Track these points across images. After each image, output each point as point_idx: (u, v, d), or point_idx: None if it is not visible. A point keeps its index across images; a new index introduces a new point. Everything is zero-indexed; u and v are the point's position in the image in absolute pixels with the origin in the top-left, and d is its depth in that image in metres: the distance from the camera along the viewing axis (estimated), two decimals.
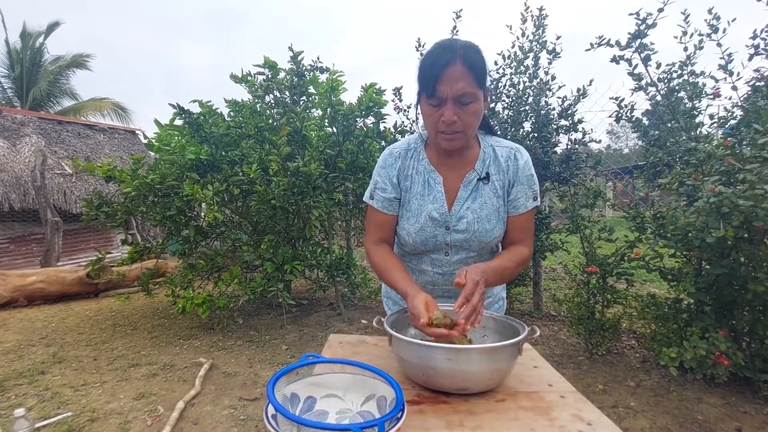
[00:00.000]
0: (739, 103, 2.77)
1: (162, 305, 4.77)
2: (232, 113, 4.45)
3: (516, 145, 1.23)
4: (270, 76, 3.93)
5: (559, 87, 3.60)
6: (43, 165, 6.69)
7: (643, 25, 2.79)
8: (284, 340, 3.58)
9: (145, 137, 4.45)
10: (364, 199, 1.29)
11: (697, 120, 2.90)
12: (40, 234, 7.07)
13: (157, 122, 4.12)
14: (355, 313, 4.29)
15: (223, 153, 3.93)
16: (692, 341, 2.28)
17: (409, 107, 4.09)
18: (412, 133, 3.52)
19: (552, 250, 3.85)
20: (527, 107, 3.53)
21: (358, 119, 3.85)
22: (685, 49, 2.88)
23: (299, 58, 3.93)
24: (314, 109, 4.42)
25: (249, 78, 4.01)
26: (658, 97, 2.97)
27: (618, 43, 2.87)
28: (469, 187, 1.20)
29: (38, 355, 3.38)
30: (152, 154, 4.60)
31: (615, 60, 2.92)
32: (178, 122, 3.99)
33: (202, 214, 3.70)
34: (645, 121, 3.44)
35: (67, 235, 7.56)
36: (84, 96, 15.48)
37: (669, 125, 3.01)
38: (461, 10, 3.72)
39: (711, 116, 2.82)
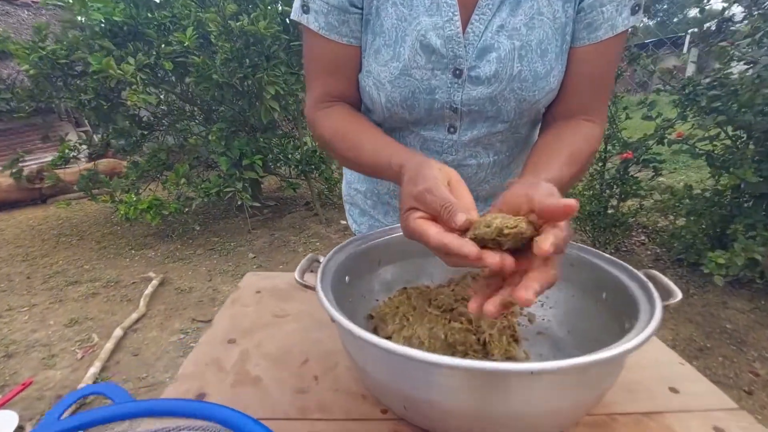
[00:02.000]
0: None
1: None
2: None
3: None
4: None
5: None
6: None
7: None
8: (251, 247, 3.12)
9: None
10: (291, 16, 0.64)
11: None
12: None
13: None
14: (334, 212, 3.81)
15: (149, 15, 2.98)
16: (740, 242, 1.84)
17: None
18: None
19: None
20: None
21: None
22: None
23: None
24: None
25: None
26: None
27: None
28: None
29: None
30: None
31: None
32: None
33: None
34: None
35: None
36: None
37: None
38: None
39: None
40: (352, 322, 0.51)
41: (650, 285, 0.41)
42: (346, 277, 0.52)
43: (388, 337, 0.53)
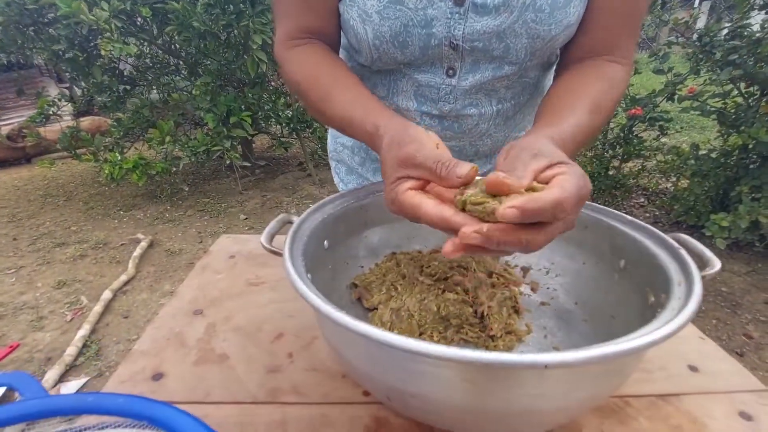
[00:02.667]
0: None
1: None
2: None
3: None
4: None
5: None
6: None
7: None
8: (243, 208, 3.05)
9: None
10: None
11: None
12: None
13: None
14: (328, 173, 3.69)
15: None
16: (745, 204, 1.79)
17: None
18: None
19: None
20: None
21: None
22: None
23: None
24: None
25: None
26: None
27: None
28: None
29: None
30: None
31: None
32: None
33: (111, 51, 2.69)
34: None
35: None
36: None
37: None
38: None
39: None
40: (333, 292, 0.45)
41: (683, 252, 0.34)
42: (325, 242, 0.45)
43: (374, 308, 0.47)
